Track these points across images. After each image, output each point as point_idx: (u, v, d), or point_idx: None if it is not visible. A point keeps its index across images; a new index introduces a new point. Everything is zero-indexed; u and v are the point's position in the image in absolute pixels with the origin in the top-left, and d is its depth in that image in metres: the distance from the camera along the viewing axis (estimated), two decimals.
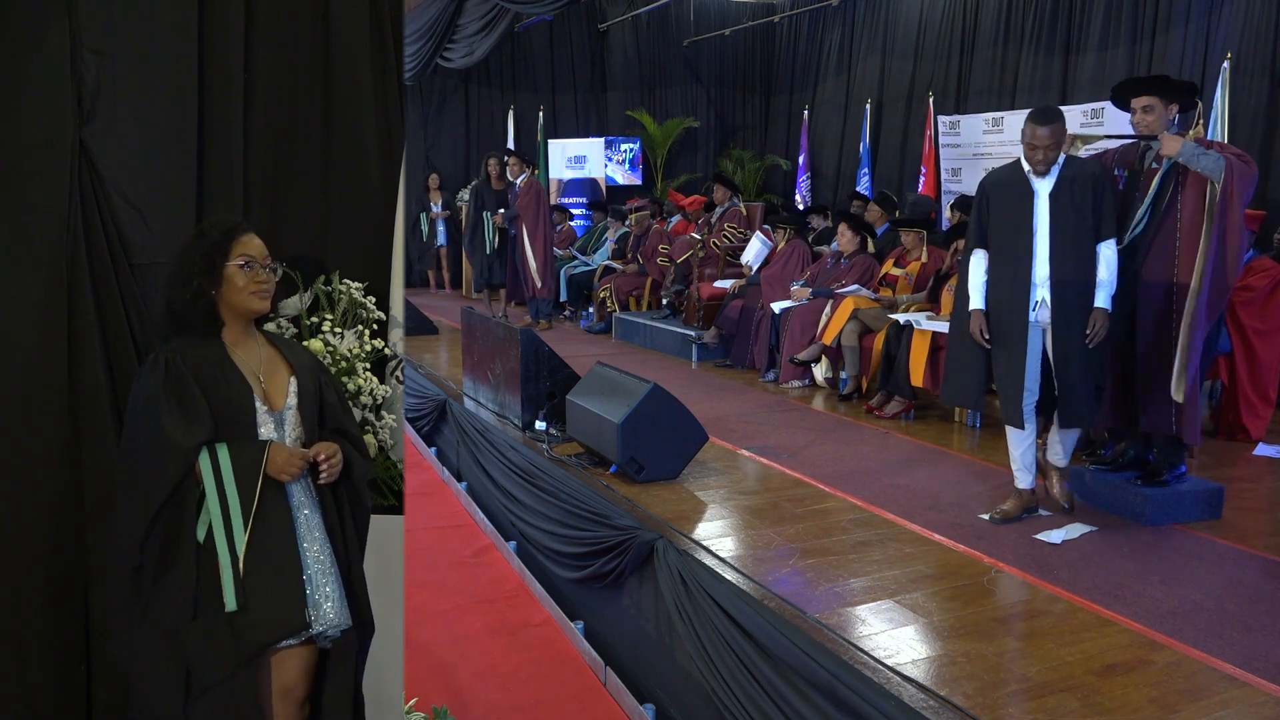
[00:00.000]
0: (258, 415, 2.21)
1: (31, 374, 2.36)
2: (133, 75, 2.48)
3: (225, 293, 2.22)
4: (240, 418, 2.18)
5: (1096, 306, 3.76)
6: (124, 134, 2.47)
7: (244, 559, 2.08)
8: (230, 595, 2.07)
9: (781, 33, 13.73)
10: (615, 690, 3.54)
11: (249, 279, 2.22)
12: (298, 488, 2.23)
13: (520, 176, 9.04)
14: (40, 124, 2.36)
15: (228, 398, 2.16)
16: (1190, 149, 3.76)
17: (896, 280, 6.64)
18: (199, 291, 2.19)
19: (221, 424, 2.14)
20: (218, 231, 2.24)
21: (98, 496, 2.40)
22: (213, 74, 2.63)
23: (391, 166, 2.82)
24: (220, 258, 2.21)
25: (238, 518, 2.09)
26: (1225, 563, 3.56)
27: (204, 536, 2.10)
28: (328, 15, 2.76)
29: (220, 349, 2.22)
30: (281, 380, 2.29)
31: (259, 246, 2.28)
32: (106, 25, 2.43)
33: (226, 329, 2.26)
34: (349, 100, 2.78)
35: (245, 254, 2.23)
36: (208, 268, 2.20)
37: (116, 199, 2.45)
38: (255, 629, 2.09)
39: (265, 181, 2.76)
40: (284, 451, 2.18)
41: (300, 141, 2.78)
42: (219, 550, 2.08)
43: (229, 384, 2.18)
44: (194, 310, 2.20)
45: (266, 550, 2.13)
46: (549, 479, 4.53)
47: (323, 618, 2.18)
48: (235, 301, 2.23)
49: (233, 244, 2.23)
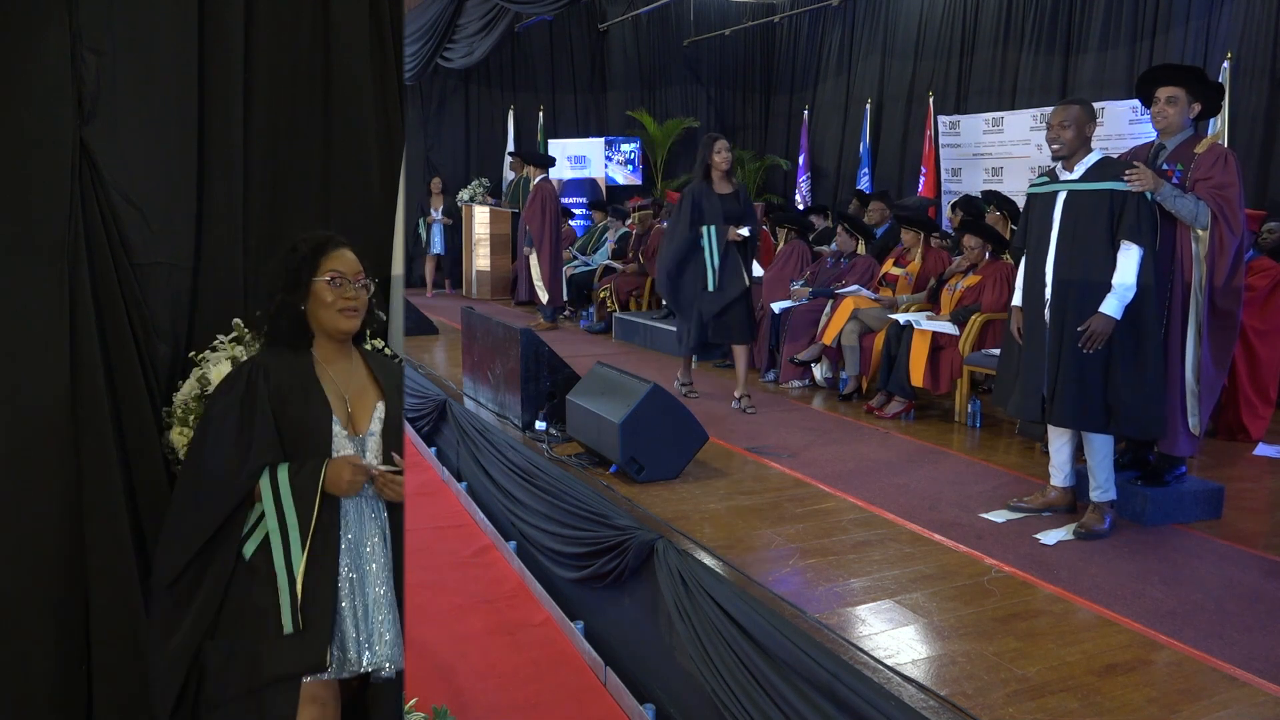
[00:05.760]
0: (335, 439, 2.12)
1: (32, 373, 2.36)
2: (133, 75, 2.48)
3: (312, 309, 2.15)
4: (314, 439, 2.09)
5: (1099, 311, 3.63)
6: (124, 134, 2.47)
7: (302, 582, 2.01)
8: (288, 618, 2.00)
9: (781, 33, 13.73)
10: (615, 690, 3.54)
11: (337, 295, 2.14)
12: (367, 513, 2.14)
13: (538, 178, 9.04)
14: (41, 123, 2.35)
15: (303, 418, 2.08)
16: (1168, 190, 3.71)
17: (896, 280, 6.65)
18: (284, 305, 2.13)
19: (292, 445, 2.06)
20: (308, 246, 2.18)
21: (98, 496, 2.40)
22: (213, 73, 2.63)
23: (391, 166, 2.82)
24: (308, 272, 2.14)
25: (295, 539, 2.02)
26: (1225, 563, 3.56)
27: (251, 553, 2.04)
28: (328, 15, 2.77)
29: (308, 364, 2.14)
30: (369, 404, 2.20)
31: (350, 262, 2.19)
32: (107, 25, 2.43)
33: (318, 344, 2.18)
34: (349, 100, 2.79)
35: (335, 270, 2.16)
36: (294, 283, 2.14)
37: (117, 198, 2.45)
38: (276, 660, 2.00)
39: (265, 181, 2.76)
40: (343, 466, 2.07)
41: (300, 141, 2.78)
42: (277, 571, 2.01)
43: (309, 403, 2.10)
44: (279, 324, 2.14)
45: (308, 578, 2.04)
46: (549, 479, 4.52)
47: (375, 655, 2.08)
48: (322, 319, 2.15)
49: (322, 259, 2.16)
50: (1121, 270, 3.63)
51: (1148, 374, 3.68)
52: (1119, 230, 3.65)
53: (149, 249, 2.52)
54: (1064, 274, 3.74)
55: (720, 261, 5.73)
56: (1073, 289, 3.72)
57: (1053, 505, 3.99)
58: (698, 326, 5.82)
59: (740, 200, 5.85)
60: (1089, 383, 3.67)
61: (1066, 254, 3.74)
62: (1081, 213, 3.71)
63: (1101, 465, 3.77)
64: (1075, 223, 3.72)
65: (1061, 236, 3.75)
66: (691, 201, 5.78)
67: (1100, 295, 3.64)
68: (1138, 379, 3.66)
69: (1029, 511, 3.99)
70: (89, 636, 2.43)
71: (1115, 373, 3.66)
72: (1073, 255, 3.72)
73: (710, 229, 5.71)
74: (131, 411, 2.50)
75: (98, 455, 2.41)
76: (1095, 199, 3.70)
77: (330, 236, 2.23)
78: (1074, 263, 3.72)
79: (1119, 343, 3.66)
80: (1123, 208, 3.66)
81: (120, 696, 2.41)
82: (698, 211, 5.75)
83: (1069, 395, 3.69)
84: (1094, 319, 3.63)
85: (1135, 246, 3.63)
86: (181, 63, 2.57)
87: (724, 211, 5.74)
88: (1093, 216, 3.69)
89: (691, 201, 5.78)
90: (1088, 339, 3.63)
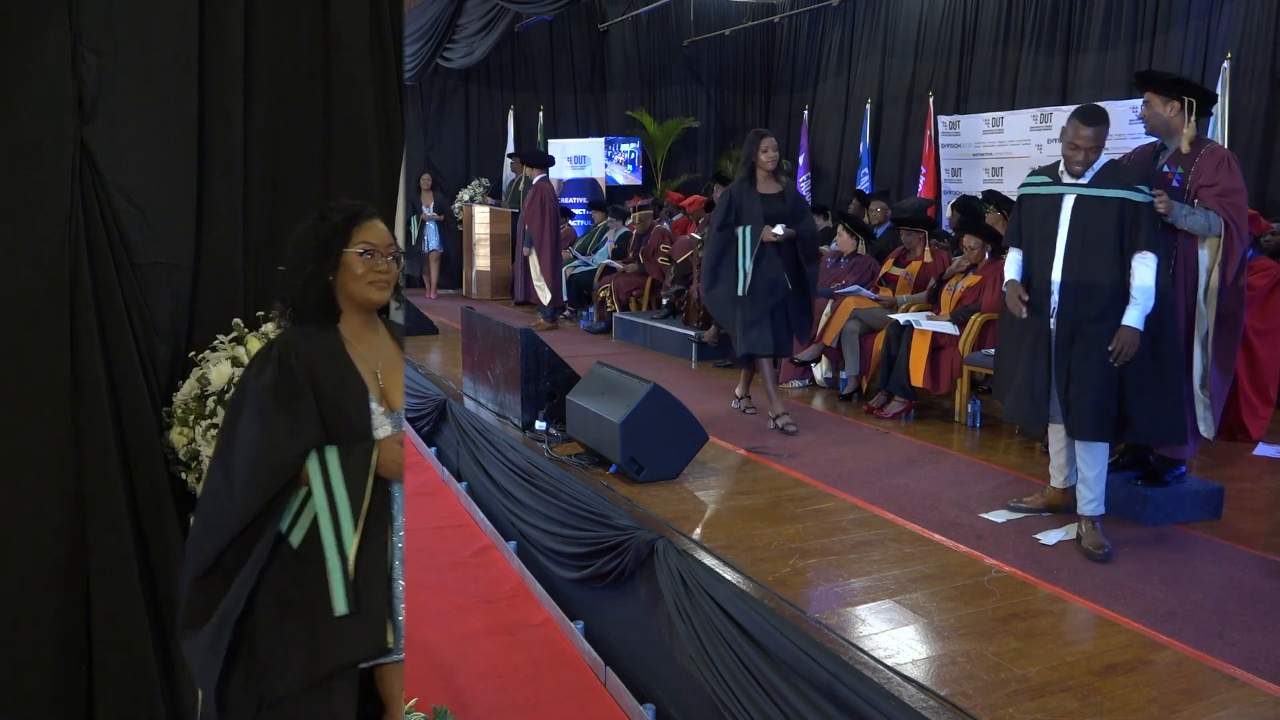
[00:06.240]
0: (374, 417, 2.06)
1: (32, 373, 2.36)
2: (133, 75, 2.49)
3: (342, 280, 2.07)
4: (355, 421, 2.03)
5: (1124, 324, 3.50)
6: (125, 133, 2.48)
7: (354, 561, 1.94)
8: (340, 598, 1.93)
9: (781, 33, 13.73)
10: (615, 690, 3.54)
11: (369, 267, 2.06)
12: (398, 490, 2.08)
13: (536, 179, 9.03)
14: (41, 123, 2.36)
15: (342, 401, 2.02)
16: (1179, 210, 3.71)
17: (896, 280, 6.65)
18: (313, 277, 2.04)
19: (334, 428, 2.00)
20: (340, 216, 2.10)
21: (98, 496, 2.40)
22: (213, 74, 2.63)
23: (391, 166, 2.82)
24: (340, 243, 2.06)
25: (347, 520, 1.95)
26: (1225, 563, 3.56)
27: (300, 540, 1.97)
28: (328, 15, 2.77)
29: (337, 342, 2.07)
30: (398, 377, 2.14)
31: (382, 234, 2.11)
32: (107, 25, 2.44)
33: (345, 320, 2.10)
34: (349, 100, 2.79)
35: (366, 241, 2.07)
36: (325, 253, 2.06)
37: (117, 198, 2.46)
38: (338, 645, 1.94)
39: (265, 181, 2.76)
40: (392, 447, 2.02)
41: (300, 141, 2.78)
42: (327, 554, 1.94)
43: (344, 384, 2.03)
44: (307, 297, 2.06)
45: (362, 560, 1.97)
46: (549, 479, 4.53)
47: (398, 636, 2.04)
48: (353, 291, 2.07)
49: (354, 229, 2.08)
50: (1142, 280, 3.53)
51: (1169, 383, 3.62)
52: (1137, 241, 3.55)
53: (149, 249, 2.52)
54: (1073, 279, 3.61)
55: (753, 265, 5.27)
56: (1082, 295, 3.60)
57: (1053, 505, 3.98)
58: (742, 333, 5.33)
59: (786, 200, 5.38)
60: (1106, 392, 3.58)
61: (1076, 259, 3.61)
62: (1091, 219, 3.60)
63: (1099, 478, 3.69)
64: (1085, 228, 3.60)
65: (1070, 242, 3.62)
66: (728, 201, 5.41)
67: (1109, 302, 3.55)
68: (1158, 388, 3.59)
69: (1029, 512, 3.99)
70: (89, 636, 2.43)
71: (1133, 382, 3.58)
72: (1082, 261, 3.60)
73: (745, 230, 5.28)
74: (131, 411, 2.50)
75: (98, 455, 2.41)
76: (1105, 206, 3.58)
77: (362, 206, 2.14)
78: (1083, 268, 3.59)
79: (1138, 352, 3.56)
80: (1135, 217, 3.56)
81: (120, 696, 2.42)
82: (733, 212, 5.35)
83: (1087, 406, 3.58)
84: (1121, 333, 3.51)
85: (1153, 255, 3.56)
86: (181, 63, 2.57)
87: (765, 212, 5.29)
88: (1102, 223, 3.58)
89: (728, 201, 5.41)
90: (1118, 354, 3.52)
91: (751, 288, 5.27)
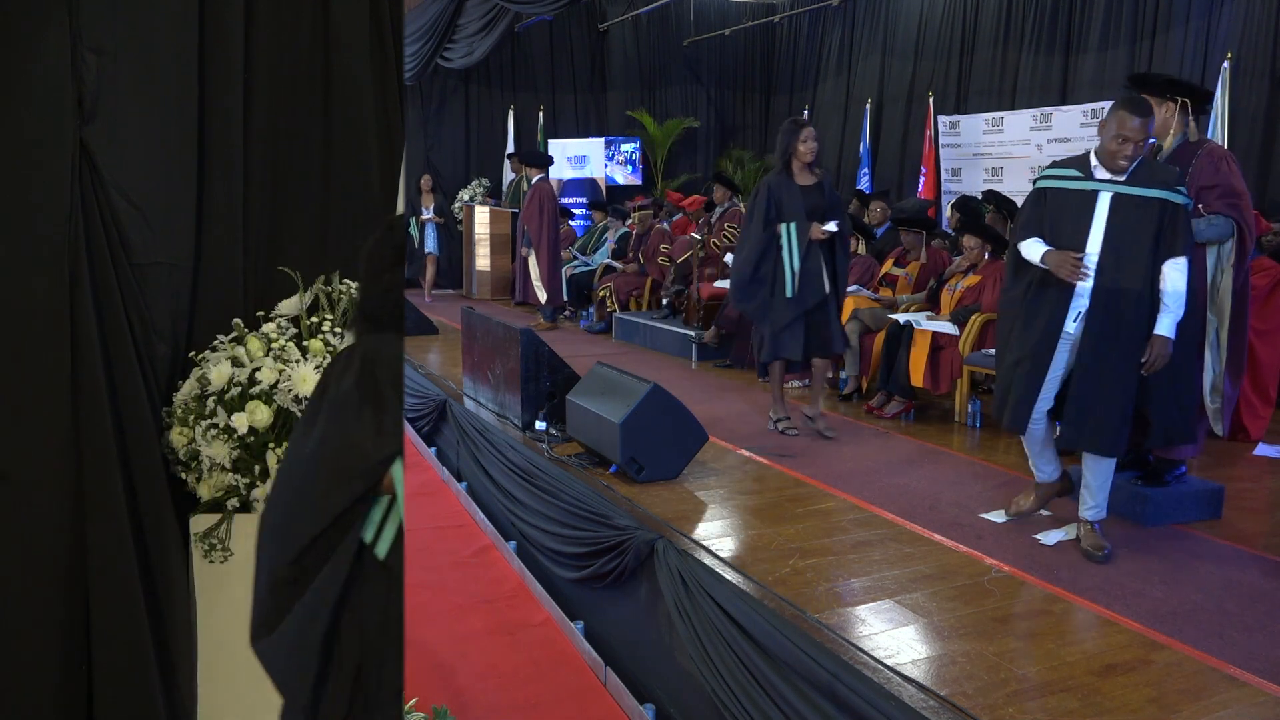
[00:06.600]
0: None
1: (32, 373, 2.36)
2: (133, 75, 2.49)
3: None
4: None
5: (1157, 333, 3.36)
6: (125, 133, 2.48)
7: None
8: None
9: (781, 33, 13.73)
10: (615, 690, 3.54)
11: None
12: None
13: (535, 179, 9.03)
14: (41, 123, 2.36)
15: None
16: (1197, 225, 3.69)
17: (896, 280, 6.65)
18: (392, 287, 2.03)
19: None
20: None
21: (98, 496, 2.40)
22: (213, 74, 2.63)
23: (391, 166, 2.82)
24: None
25: None
26: (1225, 563, 3.56)
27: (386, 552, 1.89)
28: (328, 15, 2.77)
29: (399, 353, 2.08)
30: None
31: None
32: (107, 24, 2.44)
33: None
34: (349, 100, 2.79)
35: None
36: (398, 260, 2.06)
37: (117, 198, 2.46)
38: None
39: (265, 181, 2.76)
40: None
41: (300, 141, 2.78)
42: None
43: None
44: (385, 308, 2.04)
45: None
46: (549, 479, 4.53)
47: None
48: None
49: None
50: (1175, 286, 3.38)
51: (1184, 387, 3.55)
52: (1173, 246, 3.39)
53: (149, 249, 2.52)
54: (1106, 284, 3.41)
55: (801, 263, 4.94)
56: (1116, 300, 3.41)
57: (1047, 498, 3.90)
58: (771, 340, 5.06)
59: (824, 193, 5.06)
60: (1129, 405, 3.46)
61: (1112, 262, 3.41)
62: (1129, 219, 3.40)
63: (1103, 486, 3.61)
64: (1123, 229, 3.40)
65: (1108, 243, 3.42)
66: (767, 196, 5.03)
67: (1142, 307, 3.40)
68: (1173, 392, 3.51)
69: (1027, 513, 3.97)
70: (89, 636, 2.43)
71: (1155, 388, 3.46)
72: (1117, 264, 3.40)
73: (790, 226, 4.95)
74: (131, 411, 2.50)
75: (98, 455, 2.41)
76: (1145, 206, 3.40)
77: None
78: (1117, 272, 3.40)
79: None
80: (1173, 220, 3.40)
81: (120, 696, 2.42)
82: (774, 207, 5.00)
83: (1109, 418, 3.44)
84: (1154, 343, 3.37)
85: (1186, 261, 3.41)
86: (181, 63, 2.57)
87: (806, 206, 4.98)
88: (1140, 224, 3.39)
89: (767, 196, 5.03)
90: (1151, 365, 3.39)
91: (800, 288, 4.97)
